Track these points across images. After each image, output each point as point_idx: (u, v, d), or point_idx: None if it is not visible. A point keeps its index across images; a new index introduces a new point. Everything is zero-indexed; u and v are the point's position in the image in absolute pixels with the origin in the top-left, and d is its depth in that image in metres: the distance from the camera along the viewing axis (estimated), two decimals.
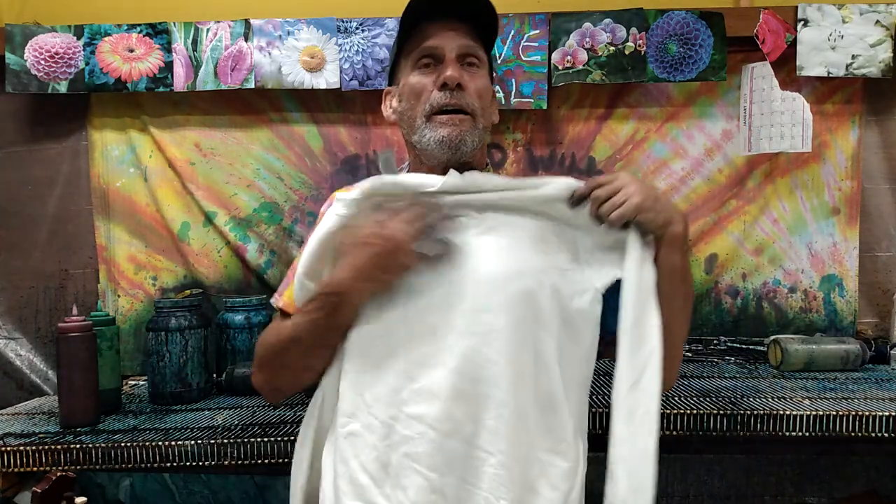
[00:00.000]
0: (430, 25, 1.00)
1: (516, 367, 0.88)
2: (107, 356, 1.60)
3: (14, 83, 1.85)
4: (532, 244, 0.94)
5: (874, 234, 1.95)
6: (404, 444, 0.87)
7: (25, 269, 1.97)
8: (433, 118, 0.99)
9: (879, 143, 1.94)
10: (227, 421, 1.49)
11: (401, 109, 1.05)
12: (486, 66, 1.04)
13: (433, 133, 0.98)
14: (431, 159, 1.01)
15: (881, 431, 1.37)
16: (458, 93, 0.98)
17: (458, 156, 0.99)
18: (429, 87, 0.99)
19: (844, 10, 1.83)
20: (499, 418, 0.86)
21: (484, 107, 1.01)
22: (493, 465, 0.86)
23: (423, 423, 0.87)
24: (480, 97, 1.01)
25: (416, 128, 1.00)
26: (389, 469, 0.88)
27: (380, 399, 0.89)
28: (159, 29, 1.87)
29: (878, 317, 1.96)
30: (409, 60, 1.02)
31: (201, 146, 1.97)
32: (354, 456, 0.89)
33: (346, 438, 0.91)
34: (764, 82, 1.86)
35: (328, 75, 1.87)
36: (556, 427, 0.90)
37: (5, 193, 1.96)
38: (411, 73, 1.01)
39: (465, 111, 0.99)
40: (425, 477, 0.86)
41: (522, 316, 0.89)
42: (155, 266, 1.98)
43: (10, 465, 1.37)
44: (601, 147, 1.97)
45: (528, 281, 0.90)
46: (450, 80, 0.97)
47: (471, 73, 1.00)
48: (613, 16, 1.85)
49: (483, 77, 1.03)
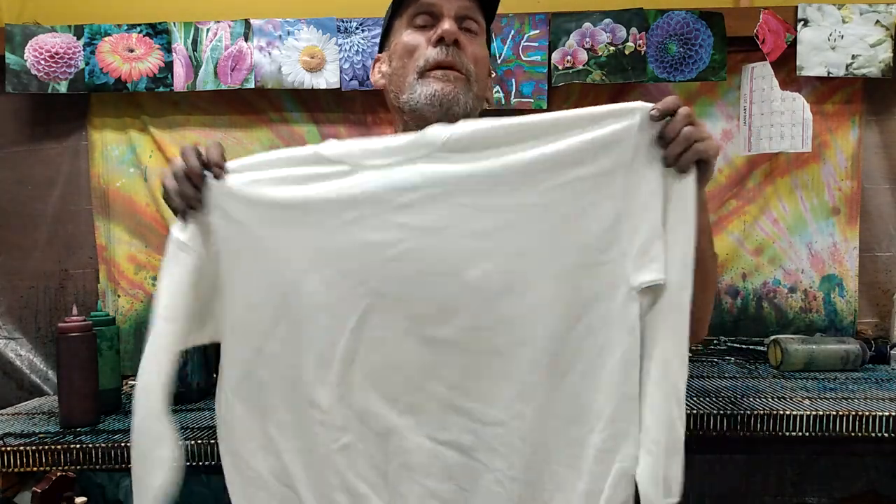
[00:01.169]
0: None
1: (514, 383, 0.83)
2: (107, 356, 1.60)
3: (14, 83, 1.85)
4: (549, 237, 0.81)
5: (874, 234, 1.95)
6: (401, 454, 0.86)
7: (25, 269, 1.97)
8: (426, 74, 0.93)
9: (879, 143, 1.94)
10: None
11: (391, 71, 0.99)
12: (483, 35, 1.00)
13: (424, 89, 0.92)
14: (420, 120, 0.92)
15: (881, 431, 1.37)
16: (455, 50, 0.92)
17: (449, 116, 0.91)
18: (423, 45, 0.94)
19: (844, 10, 1.83)
20: (496, 437, 0.83)
21: (479, 73, 0.96)
22: (490, 480, 0.84)
23: (420, 434, 0.85)
24: (476, 62, 0.95)
25: (407, 86, 0.94)
26: (388, 478, 0.86)
27: (372, 410, 0.86)
28: (159, 29, 1.87)
29: (878, 317, 1.96)
30: (403, 20, 0.98)
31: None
32: (349, 467, 0.87)
33: (340, 451, 0.87)
34: (764, 82, 1.85)
35: (328, 75, 1.87)
36: (577, 441, 0.84)
37: (5, 193, 1.96)
38: (405, 32, 0.97)
39: (460, 70, 0.93)
40: (421, 484, 0.85)
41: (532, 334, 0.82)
42: (155, 266, 1.97)
43: (10, 465, 1.37)
44: None
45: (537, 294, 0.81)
46: (447, 35, 0.91)
47: (469, 37, 0.96)
48: (613, 16, 1.85)
49: (480, 45, 0.98)
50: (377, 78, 1.04)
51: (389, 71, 0.99)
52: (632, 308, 0.81)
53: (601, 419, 0.82)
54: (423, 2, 0.95)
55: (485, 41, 1.01)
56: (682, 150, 0.79)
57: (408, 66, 0.95)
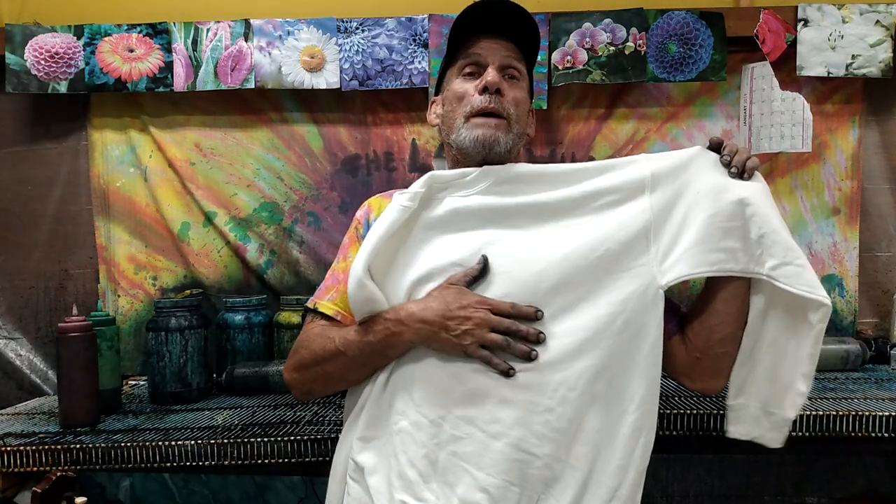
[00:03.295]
0: (477, 40, 1.09)
1: (563, 374, 0.91)
2: (107, 356, 1.60)
3: (14, 83, 1.85)
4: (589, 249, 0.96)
5: (874, 234, 1.95)
6: (452, 443, 0.92)
7: (25, 269, 1.97)
8: (471, 119, 1.06)
9: (879, 143, 1.94)
10: (227, 421, 1.49)
11: (443, 113, 1.13)
12: (525, 81, 1.13)
13: (469, 133, 1.05)
14: (467, 158, 1.07)
15: (881, 431, 1.37)
16: (497, 97, 1.05)
17: (492, 155, 1.05)
18: (470, 92, 1.07)
19: (844, 10, 1.83)
20: (545, 424, 0.90)
21: (519, 115, 1.09)
22: (538, 466, 0.90)
23: (472, 424, 0.91)
24: (517, 105, 1.08)
25: (456, 128, 1.08)
26: (437, 466, 0.92)
27: (428, 398, 0.94)
28: (159, 29, 1.87)
29: (878, 317, 1.96)
30: (454, 69, 1.11)
31: (201, 146, 1.97)
32: (403, 452, 0.94)
33: (397, 435, 0.95)
34: (764, 82, 1.85)
35: (328, 75, 1.87)
36: (611, 425, 0.93)
37: (5, 193, 1.97)
38: (455, 80, 1.10)
39: (501, 115, 1.06)
40: (472, 476, 0.90)
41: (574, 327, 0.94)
42: (155, 266, 1.98)
43: (10, 465, 1.37)
44: (601, 147, 1.97)
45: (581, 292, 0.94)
46: (490, 85, 1.05)
47: (510, 83, 1.08)
48: (613, 16, 1.85)
49: (521, 89, 1.11)
50: (433, 118, 1.19)
51: (442, 113, 1.14)
52: (659, 305, 0.95)
53: (634, 401, 0.94)
54: (471, 52, 1.09)
55: (526, 85, 1.13)
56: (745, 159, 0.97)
57: (457, 111, 1.08)
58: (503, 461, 0.90)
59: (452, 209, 1.02)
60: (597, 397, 0.93)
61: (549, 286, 0.94)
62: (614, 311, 0.94)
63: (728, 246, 0.94)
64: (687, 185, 0.97)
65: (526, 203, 1.00)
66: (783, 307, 0.97)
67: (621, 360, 0.94)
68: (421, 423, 0.93)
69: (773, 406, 0.99)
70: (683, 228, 0.95)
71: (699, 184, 0.97)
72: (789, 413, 0.98)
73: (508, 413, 0.91)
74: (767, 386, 0.99)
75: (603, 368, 0.93)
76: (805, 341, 0.97)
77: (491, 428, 0.90)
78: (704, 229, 0.94)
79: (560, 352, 0.92)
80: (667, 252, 0.96)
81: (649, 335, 0.95)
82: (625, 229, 0.96)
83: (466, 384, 0.93)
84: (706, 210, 0.94)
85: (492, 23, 1.08)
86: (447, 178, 1.04)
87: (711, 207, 0.94)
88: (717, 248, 0.93)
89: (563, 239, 0.97)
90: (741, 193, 0.95)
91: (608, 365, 0.93)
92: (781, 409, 0.98)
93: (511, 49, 1.09)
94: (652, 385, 0.95)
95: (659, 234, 0.96)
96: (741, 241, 0.94)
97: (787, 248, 0.94)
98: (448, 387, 0.93)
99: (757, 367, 0.99)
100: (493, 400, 0.91)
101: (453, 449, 0.91)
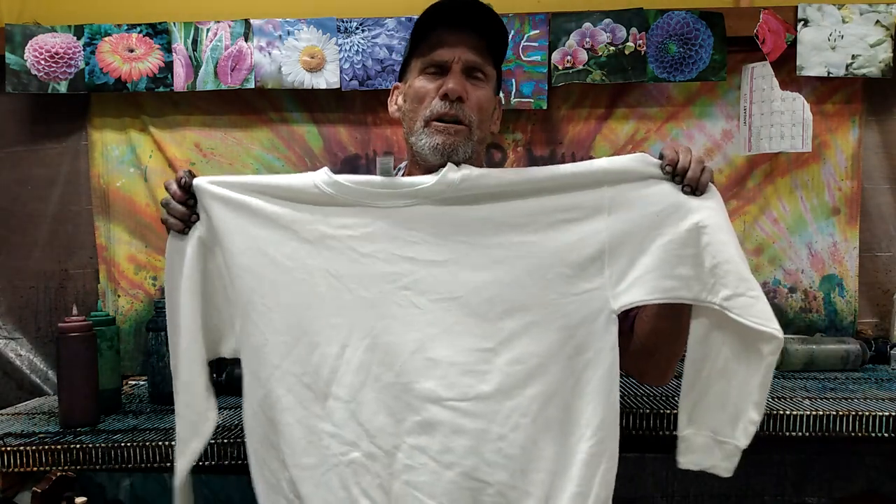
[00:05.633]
0: (444, 32, 1.05)
1: (516, 401, 0.92)
2: (107, 356, 1.60)
3: (14, 83, 1.85)
4: (541, 273, 0.95)
5: (874, 234, 1.95)
6: (406, 472, 0.91)
7: (25, 269, 1.97)
8: (431, 124, 1.04)
9: (879, 143, 1.94)
10: (227, 421, 1.49)
11: (404, 109, 1.11)
12: (491, 81, 1.10)
13: (428, 139, 1.03)
14: (425, 162, 1.05)
15: (881, 431, 1.37)
16: (458, 105, 1.03)
17: (450, 163, 1.02)
18: (431, 94, 1.04)
19: (844, 10, 1.83)
20: (497, 452, 0.90)
21: (482, 119, 1.07)
22: (491, 494, 0.90)
23: (425, 454, 0.91)
24: (480, 109, 1.06)
25: (415, 130, 1.06)
26: (391, 495, 0.92)
27: (383, 429, 0.93)
28: (159, 29, 1.87)
29: (878, 317, 1.96)
30: (418, 63, 1.08)
31: (201, 146, 1.97)
32: (356, 483, 0.93)
33: (348, 466, 0.94)
34: (764, 82, 1.85)
35: (328, 75, 1.87)
36: (567, 452, 0.93)
37: (5, 193, 1.96)
38: (417, 77, 1.07)
39: (462, 122, 1.03)
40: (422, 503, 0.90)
41: (525, 354, 0.94)
42: (155, 266, 1.98)
43: (10, 465, 1.37)
44: (601, 147, 1.97)
45: (531, 317, 0.94)
46: (451, 93, 1.02)
47: (474, 84, 1.06)
48: (613, 16, 1.85)
49: (485, 90, 1.07)
50: (393, 109, 1.16)
51: (403, 108, 1.11)
52: (612, 330, 0.95)
53: (590, 426, 0.93)
54: (434, 56, 1.05)
55: (492, 84, 1.10)
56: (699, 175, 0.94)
57: (417, 112, 1.06)
58: (455, 490, 0.90)
59: (391, 221, 0.98)
60: (551, 423, 0.93)
61: (499, 312, 0.94)
62: (565, 336, 0.94)
63: (682, 273, 0.93)
64: (647, 205, 0.95)
65: (479, 217, 0.97)
66: (736, 335, 0.96)
67: (573, 386, 0.94)
68: (375, 455, 0.93)
69: (724, 435, 0.98)
70: (639, 252, 0.94)
71: (658, 205, 0.95)
72: (741, 442, 0.97)
73: (461, 442, 0.91)
74: (719, 414, 0.98)
75: (554, 394, 0.93)
76: (756, 371, 0.95)
77: (444, 458, 0.91)
78: (660, 255, 0.93)
79: (513, 378, 0.92)
80: (621, 276, 0.95)
81: (604, 360, 0.94)
82: (577, 251, 0.95)
83: (420, 413, 0.92)
84: (664, 235, 0.94)
85: (457, 16, 1.04)
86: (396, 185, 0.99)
87: (668, 233, 0.93)
88: (672, 276, 0.93)
89: (515, 259, 0.95)
90: (696, 217, 0.93)
91: (559, 391, 0.93)
92: (734, 438, 0.97)
93: (476, 45, 1.05)
94: (609, 411, 0.95)
95: (614, 257, 0.95)
96: (695, 268, 0.93)
97: (741, 278, 0.92)
98: (402, 417, 0.93)
99: (707, 394, 0.98)
100: (445, 430, 0.91)
101: (406, 478, 0.92)
